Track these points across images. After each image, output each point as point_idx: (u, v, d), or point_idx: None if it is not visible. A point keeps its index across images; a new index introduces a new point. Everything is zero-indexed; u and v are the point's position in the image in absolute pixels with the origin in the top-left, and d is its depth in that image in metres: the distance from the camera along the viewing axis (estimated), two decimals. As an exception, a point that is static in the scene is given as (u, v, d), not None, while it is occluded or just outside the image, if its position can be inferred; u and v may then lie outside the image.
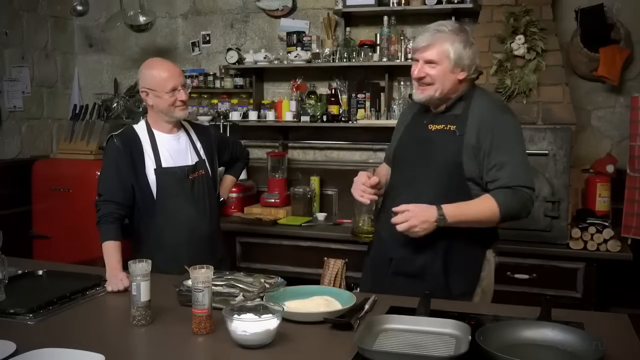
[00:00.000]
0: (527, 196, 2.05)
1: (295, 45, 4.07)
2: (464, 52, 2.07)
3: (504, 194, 2.02)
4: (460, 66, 2.07)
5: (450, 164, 2.08)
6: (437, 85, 2.09)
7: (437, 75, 2.08)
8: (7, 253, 2.00)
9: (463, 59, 2.07)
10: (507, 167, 2.03)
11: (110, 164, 2.45)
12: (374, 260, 2.27)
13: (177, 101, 2.43)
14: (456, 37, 2.07)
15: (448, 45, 2.06)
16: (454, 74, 2.08)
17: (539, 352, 1.55)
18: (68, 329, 1.80)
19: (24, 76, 4.39)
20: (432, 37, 2.09)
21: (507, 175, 2.03)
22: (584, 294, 3.15)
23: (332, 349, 1.62)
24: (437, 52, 2.07)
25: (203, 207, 2.53)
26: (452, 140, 2.09)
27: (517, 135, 2.10)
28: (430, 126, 2.16)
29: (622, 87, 3.66)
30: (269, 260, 3.71)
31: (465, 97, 2.14)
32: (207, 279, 1.72)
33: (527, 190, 2.05)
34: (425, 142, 2.14)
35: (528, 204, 2.06)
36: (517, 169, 2.05)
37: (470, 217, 2.03)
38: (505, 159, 2.04)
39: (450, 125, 2.11)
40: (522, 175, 2.05)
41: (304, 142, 4.33)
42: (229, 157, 2.84)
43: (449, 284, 2.10)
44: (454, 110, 2.15)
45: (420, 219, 1.98)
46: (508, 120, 2.11)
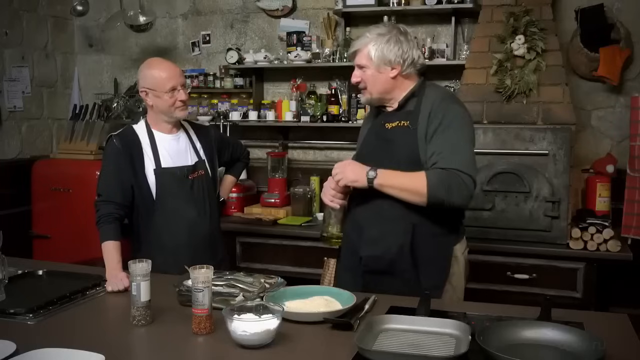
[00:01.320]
0: (460, 179, 2.01)
1: (295, 45, 4.07)
2: (387, 48, 2.11)
3: (436, 174, 2.02)
4: (386, 64, 2.13)
5: (409, 159, 2.11)
6: (369, 87, 2.18)
7: (367, 78, 2.17)
8: (7, 253, 2.00)
9: (386, 56, 2.12)
10: (446, 152, 2.04)
11: (110, 164, 2.45)
12: (345, 261, 2.31)
13: (177, 101, 2.43)
14: (379, 39, 2.13)
15: (370, 47, 2.13)
16: (382, 73, 2.14)
17: (539, 352, 1.55)
18: (68, 329, 1.80)
19: (24, 76, 4.39)
20: (358, 43, 2.18)
21: (444, 160, 2.03)
22: (584, 294, 3.15)
23: (332, 349, 1.62)
24: (362, 56, 2.16)
25: (203, 207, 2.53)
26: (407, 135, 2.13)
27: (461, 123, 2.11)
28: (387, 124, 2.20)
29: (622, 87, 3.66)
30: (269, 260, 3.71)
31: (417, 93, 2.18)
32: (207, 279, 1.72)
33: (463, 175, 2.02)
34: (384, 140, 2.19)
35: (460, 187, 2.01)
36: (456, 154, 2.04)
37: (399, 184, 2.05)
38: (445, 145, 2.05)
39: (404, 121, 2.15)
40: (459, 160, 2.03)
41: (304, 142, 4.33)
42: (229, 157, 2.84)
43: (418, 279, 2.12)
44: (407, 107, 2.19)
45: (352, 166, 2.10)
46: (454, 109, 2.13)
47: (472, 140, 2.14)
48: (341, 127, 4.02)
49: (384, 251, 2.14)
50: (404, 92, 2.18)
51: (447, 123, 2.08)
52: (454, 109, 2.12)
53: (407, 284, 2.09)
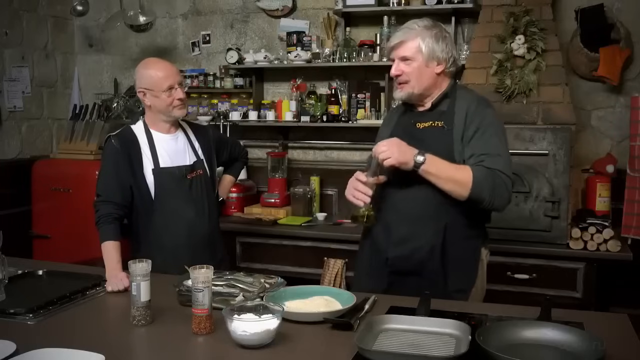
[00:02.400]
0: (502, 180, 2.02)
1: (295, 45, 4.07)
2: (437, 45, 2.10)
3: (481, 171, 2.01)
4: (434, 59, 2.10)
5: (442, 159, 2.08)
6: (413, 82, 2.13)
7: (412, 72, 2.12)
8: (7, 253, 2.00)
9: (436, 52, 2.10)
10: (488, 154, 2.04)
11: (108, 164, 2.45)
12: (366, 262, 2.26)
13: (175, 100, 2.43)
14: (427, 32, 2.10)
15: (419, 40, 2.10)
16: (429, 67, 2.11)
17: (539, 352, 1.55)
18: (68, 329, 1.80)
19: (24, 76, 4.39)
20: (404, 34, 2.13)
21: (486, 162, 2.03)
22: (584, 294, 3.16)
23: (332, 349, 1.62)
24: (409, 48, 2.11)
25: (202, 207, 2.53)
26: (441, 135, 2.10)
27: (499, 126, 2.13)
28: (419, 124, 2.17)
29: (622, 87, 3.66)
30: (269, 260, 3.71)
31: (450, 94, 2.16)
32: (207, 279, 1.72)
33: (504, 176, 2.03)
34: (416, 140, 2.13)
35: (503, 189, 2.02)
36: (497, 157, 2.04)
37: (445, 173, 2.01)
38: (486, 148, 2.05)
39: (438, 121, 2.13)
40: (501, 163, 2.04)
41: (304, 142, 4.33)
42: (228, 157, 2.83)
43: (447, 281, 2.10)
44: (440, 107, 2.16)
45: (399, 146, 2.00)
46: (491, 113, 2.13)
47: (507, 144, 2.14)
48: (341, 127, 4.02)
49: (413, 251, 2.10)
50: (440, 91, 2.16)
51: (486, 126, 2.07)
52: (491, 114, 2.13)
53: (435, 286, 2.02)
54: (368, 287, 2.13)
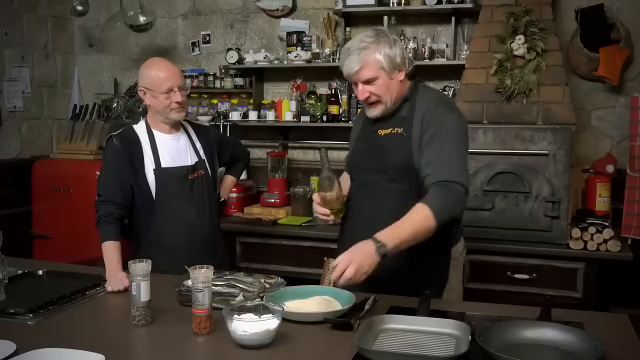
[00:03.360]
0: (457, 191, 1.96)
1: (295, 45, 4.07)
2: (392, 52, 2.04)
3: (435, 197, 1.93)
4: (395, 68, 2.06)
5: (403, 168, 2.06)
6: (384, 98, 2.08)
7: (380, 90, 2.07)
8: (7, 253, 2.00)
9: (395, 60, 2.05)
10: (440, 162, 1.98)
11: (110, 164, 2.45)
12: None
13: (172, 102, 2.41)
14: (379, 44, 2.04)
15: (377, 56, 2.03)
16: (394, 79, 2.07)
17: (539, 352, 1.55)
18: (68, 329, 1.80)
19: (24, 76, 4.39)
20: (360, 59, 2.04)
21: (439, 171, 1.97)
22: (584, 294, 3.15)
23: (332, 349, 1.62)
24: (370, 68, 2.04)
25: (202, 207, 2.52)
26: (400, 142, 2.07)
27: (456, 132, 2.04)
28: (380, 131, 2.14)
29: (622, 87, 3.66)
30: (269, 260, 3.71)
31: (410, 97, 2.12)
32: (207, 279, 1.72)
33: (457, 186, 1.96)
34: (377, 147, 2.13)
35: (460, 199, 1.97)
36: (451, 165, 1.98)
37: (409, 234, 1.89)
38: (440, 155, 1.99)
39: (398, 128, 2.09)
40: (454, 171, 1.97)
41: (304, 142, 4.33)
42: (230, 158, 2.83)
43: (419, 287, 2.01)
44: (400, 112, 2.12)
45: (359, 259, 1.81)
46: (449, 116, 2.06)
47: (466, 148, 2.07)
48: (341, 127, 4.02)
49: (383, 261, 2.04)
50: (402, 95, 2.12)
51: (441, 132, 2.01)
52: (448, 117, 2.05)
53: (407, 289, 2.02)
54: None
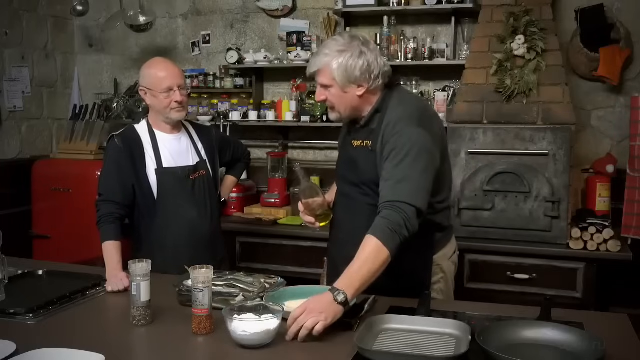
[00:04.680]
0: (406, 212, 1.82)
1: (295, 45, 4.07)
2: (351, 65, 1.94)
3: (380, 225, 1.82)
4: (351, 82, 1.96)
5: (372, 182, 2.01)
6: (337, 107, 2.03)
7: (333, 99, 2.01)
8: (7, 253, 2.00)
9: (352, 74, 1.94)
10: (393, 181, 1.88)
11: (111, 163, 2.45)
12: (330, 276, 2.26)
13: (172, 102, 2.41)
14: (339, 55, 1.94)
15: (331, 67, 1.95)
16: (347, 92, 1.98)
17: (539, 352, 1.55)
18: (68, 329, 1.80)
19: (24, 76, 4.39)
20: (317, 62, 1.99)
21: (390, 190, 1.87)
22: (584, 294, 3.15)
23: (332, 349, 1.62)
24: (324, 76, 1.99)
25: (204, 207, 2.53)
26: (367, 157, 2.02)
27: (415, 149, 1.90)
28: (353, 142, 2.10)
29: (622, 87, 3.66)
30: (269, 260, 3.71)
31: (381, 108, 2.03)
32: (207, 279, 1.72)
33: (405, 207, 1.83)
34: (351, 159, 2.11)
35: (407, 220, 1.82)
36: (403, 183, 1.87)
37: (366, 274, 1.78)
38: (393, 173, 1.89)
39: (367, 141, 2.04)
40: (404, 191, 1.85)
41: (304, 142, 4.33)
42: (230, 158, 2.83)
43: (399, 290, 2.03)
44: (371, 124, 2.05)
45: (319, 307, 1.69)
46: (409, 132, 1.93)
47: (427, 165, 1.92)
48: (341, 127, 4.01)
49: None
50: (371, 106, 2.04)
51: (399, 148, 1.90)
52: (409, 133, 1.92)
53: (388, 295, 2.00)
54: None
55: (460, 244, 3.16)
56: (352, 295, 1.74)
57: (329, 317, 1.67)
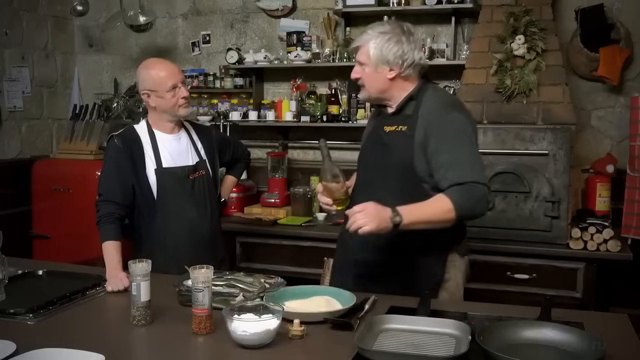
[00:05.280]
0: (480, 192, 1.96)
1: (295, 45, 4.07)
2: (387, 48, 2.05)
3: (457, 192, 1.93)
4: (384, 64, 2.06)
5: (403, 166, 2.06)
6: (366, 85, 2.13)
7: (364, 76, 2.12)
8: (7, 253, 2.00)
9: (385, 56, 2.05)
10: (457, 165, 1.97)
11: (111, 163, 2.45)
12: (339, 263, 2.29)
13: (179, 99, 2.43)
14: (379, 36, 2.06)
15: (370, 44, 2.07)
16: (379, 72, 2.08)
17: (539, 352, 1.55)
18: (68, 329, 1.80)
19: (24, 76, 4.39)
20: (360, 39, 2.12)
21: (457, 174, 1.96)
22: (584, 294, 3.15)
23: (332, 349, 1.62)
24: (362, 53, 2.10)
25: (204, 207, 2.53)
26: (404, 141, 2.07)
27: (464, 132, 2.03)
28: (386, 128, 2.15)
29: (622, 87, 3.66)
30: (269, 260, 3.71)
31: (416, 96, 2.11)
32: (207, 279, 1.72)
33: (479, 186, 1.96)
34: (381, 144, 2.14)
35: (482, 199, 1.96)
36: (467, 166, 1.98)
37: (426, 218, 1.93)
38: (453, 157, 1.98)
39: (402, 126, 2.10)
40: (472, 172, 1.97)
41: (304, 142, 4.33)
42: (230, 158, 2.84)
43: (411, 285, 2.06)
44: (405, 111, 2.12)
45: (377, 213, 1.87)
46: (455, 117, 2.05)
47: (477, 146, 2.07)
48: (341, 127, 4.02)
49: (375, 255, 2.10)
50: (404, 93, 2.11)
51: (451, 134, 2.01)
52: (455, 118, 2.04)
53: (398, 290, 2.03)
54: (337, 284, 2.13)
55: (460, 244, 3.20)
56: (407, 223, 1.89)
57: (379, 226, 1.85)
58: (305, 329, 1.69)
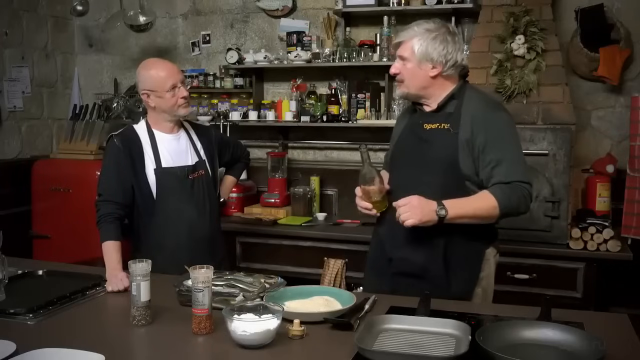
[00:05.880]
0: (525, 191, 2.04)
1: (295, 45, 4.07)
2: (432, 48, 2.07)
3: (501, 190, 2.01)
4: (428, 61, 2.09)
5: (446, 163, 2.07)
6: (407, 81, 2.14)
7: (406, 72, 2.13)
8: (7, 253, 2.00)
9: (430, 54, 2.08)
10: (503, 163, 2.04)
11: (110, 163, 2.45)
12: (373, 262, 2.27)
13: (179, 99, 2.43)
14: (425, 34, 2.09)
15: (415, 41, 2.09)
16: (422, 69, 2.10)
17: (539, 352, 1.55)
18: (68, 329, 1.80)
19: (24, 76, 4.39)
20: (405, 34, 2.14)
21: (503, 172, 2.03)
22: (584, 294, 3.15)
23: (332, 349, 1.62)
24: (406, 48, 2.12)
25: (203, 207, 2.53)
26: (447, 138, 2.09)
27: (510, 131, 2.11)
28: (426, 125, 2.15)
29: (622, 87, 3.66)
30: (269, 260, 3.71)
31: (457, 95, 2.14)
32: (207, 279, 1.72)
33: (525, 185, 2.05)
34: (421, 141, 2.14)
35: (526, 198, 2.06)
36: (513, 165, 2.05)
37: (470, 212, 2.02)
38: (500, 156, 2.04)
39: (445, 124, 2.11)
40: (517, 171, 2.05)
41: (304, 142, 4.33)
42: (230, 158, 2.84)
43: (449, 283, 2.09)
44: (447, 109, 2.14)
45: (421, 206, 1.96)
46: (500, 116, 2.11)
47: (521, 146, 2.13)
48: (341, 127, 4.02)
49: (415, 253, 2.10)
50: (444, 92, 2.14)
51: (498, 133, 2.06)
52: (501, 117, 2.11)
53: (438, 288, 2.01)
54: (374, 286, 2.14)
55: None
56: (452, 217, 1.98)
57: (423, 219, 1.95)
58: (305, 329, 1.69)
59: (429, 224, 1.97)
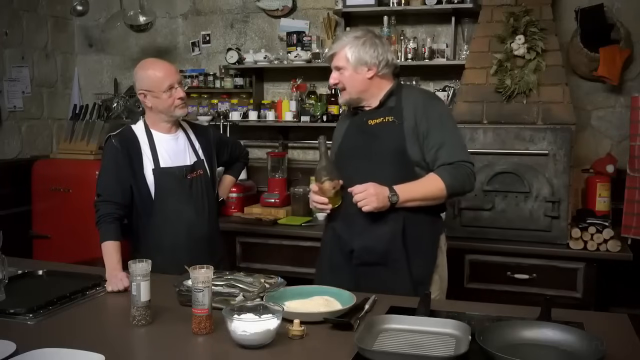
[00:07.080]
0: (468, 170, 2.19)
1: (295, 45, 4.07)
2: (364, 50, 2.21)
3: (447, 171, 2.15)
4: (363, 65, 2.22)
5: (395, 152, 2.19)
6: (348, 88, 2.27)
7: (345, 80, 2.26)
8: (7, 253, 2.00)
9: (363, 58, 2.21)
10: (445, 146, 2.18)
11: (109, 164, 2.45)
12: (330, 259, 2.33)
13: (176, 100, 2.43)
14: (355, 41, 2.23)
15: (347, 49, 2.23)
16: (359, 74, 2.23)
17: (539, 352, 1.55)
18: (68, 329, 1.80)
19: (24, 76, 4.39)
20: (336, 46, 2.28)
21: (446, 154, 2.17)
22: (584, 294, 3.15)
23: (332, 349, 1.62)
24: (339, 58, 2.25)
25: (201, 207, 2.53)
26: (392, 129, 2.22)
27: (449, 117, 2.30)
28: (370, 121, 2.27)
29: (622, 87, 3.66)
30: (269, 260, 3.71)
31: (396, 91, 2.28)
32: (207, 279, 1.72)
33: (468, 164, 2.19)
34: (368, 136, 2.26)
35: (470, 177, 2.20)
36: (455, 147, 2.20)
37: (421, 195, 2.15)
38: (442, 140, 2.18)
39: (388, 117, 2.24)
40: (460, 152, 2.20)
41: (304, 142, 4.33)
42: (228, 157, 2.83)
43: (410, 268, 2.18)
44: (388, 104, 2.27)
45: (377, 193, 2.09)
46: (439, 104, 2.30)
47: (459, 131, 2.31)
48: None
49: (375, 240, 2.18)
50: (383, 91, 2.27)
51: (439, 118, 2.21)
52: (440, 105, 2.31)
53: (399, 275, 2.15)
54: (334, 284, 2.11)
55: (460, 243, 3.20)
56: (403, 200, 2.12)
57: (377, 205, 2.09)
58: (305, 329, 1.69)
59: (383, 209, 2.11)
